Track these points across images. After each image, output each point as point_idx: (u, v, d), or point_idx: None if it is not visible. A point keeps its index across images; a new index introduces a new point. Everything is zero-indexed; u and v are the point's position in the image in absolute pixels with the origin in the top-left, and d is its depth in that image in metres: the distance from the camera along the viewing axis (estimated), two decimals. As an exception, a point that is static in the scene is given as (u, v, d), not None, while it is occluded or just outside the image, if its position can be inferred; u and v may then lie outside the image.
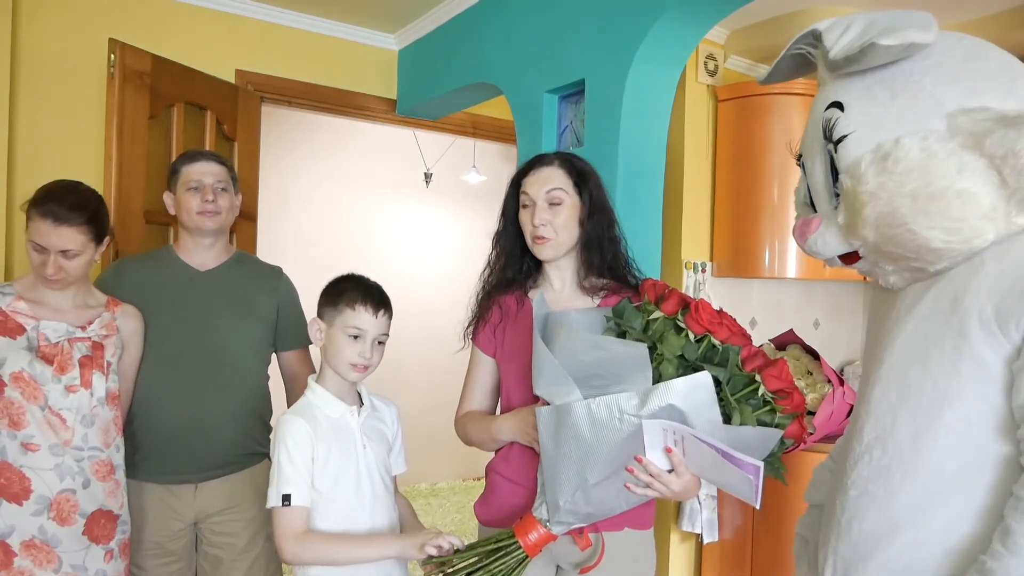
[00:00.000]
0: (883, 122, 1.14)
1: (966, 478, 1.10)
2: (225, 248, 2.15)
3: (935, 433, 1.11)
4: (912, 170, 1.08)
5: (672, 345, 1.31)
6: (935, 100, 1.11)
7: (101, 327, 1.84)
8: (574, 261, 1.67)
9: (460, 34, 3.14)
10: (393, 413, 1.74)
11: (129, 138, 2.56)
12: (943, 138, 1.09)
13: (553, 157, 1.67)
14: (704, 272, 3.21)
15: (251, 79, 3.23)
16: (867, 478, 1.18)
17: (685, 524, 3.00)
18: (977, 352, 1.08)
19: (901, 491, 1.14)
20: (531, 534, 1.43)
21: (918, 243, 1.11)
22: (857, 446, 1.22)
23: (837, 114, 1.19)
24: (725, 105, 3.21)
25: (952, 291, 1.12)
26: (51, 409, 1.74)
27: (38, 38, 2.78)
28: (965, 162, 1.07)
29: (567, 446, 1.33)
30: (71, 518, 1.74)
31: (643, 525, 1.63)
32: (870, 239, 1.16)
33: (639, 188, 2.33)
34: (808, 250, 1.28)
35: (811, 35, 1.24)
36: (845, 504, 1.20)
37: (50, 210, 1.70)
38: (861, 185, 1.13)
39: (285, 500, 1.49)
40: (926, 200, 1.08)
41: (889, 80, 1.15)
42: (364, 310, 1.58)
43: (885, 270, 1.22)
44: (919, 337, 1.16)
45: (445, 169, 5.35)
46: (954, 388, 1.10)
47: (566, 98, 2.60)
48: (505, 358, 1.69)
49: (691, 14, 2.24)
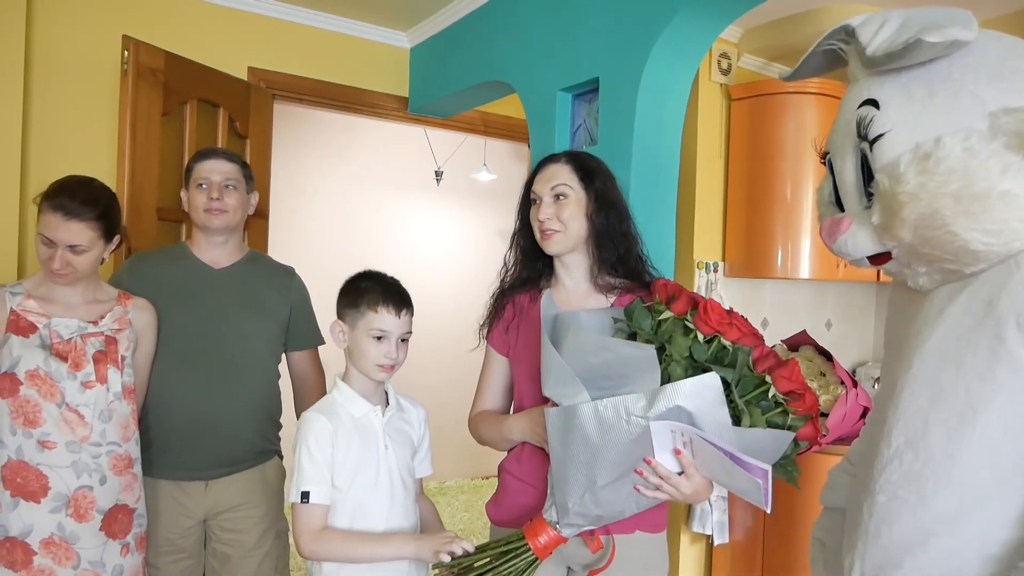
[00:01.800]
0: (921, 121, 1.12)
1: (1003, 483, 1.08)
2: (239, 246, 2.15)
3: (969, 438, 1.09)
4: (955, 170, 1.06)
5: (680, 346, 1.30)
6: (976, 99, 1.09)
7: (113, 321, 1.84)
8: (586, 258, 1.65)
9: (473, 32, 3.13)
10: (421, 415, 1.73)
11: (142, 135, 2.57)
12: (986, 138, 1.07)
13: (560, 155, 1.68)
14: (716, 272, 3.20)
15: (263, 76, 3.23)
16: (897, 483, 1.16)
17: (696, 525, 2.99)
18: (1014, 355, 1.06)
19: (935, 497, 1.11)
20: (541, 536, 1.42)
21: (957, 245, 1.09)
22: (886, 450, 1.19)
23: (873, 112, 1.16)
24: (738, 104, 3.19)
25: (987, 293, 1.10)
26: (68, 406, 1.74)
27: (52, 35, 2.78)
28: (1008, 163, 1.05)
29: (575, 448, 1.32)
30: (89, 514, 1.75)
31: (655, 528, 1.62)
32: (907, 240, 1.14)
33: (653, 187, 2.32)
34: (837, 250, 1.26)
35: (843, 31, 1.22)
36: (873, 509, 1.18)
37: (61, 204, 1.70)
38: (901, 185, 1.10)
39: (304, 497, 1.50)
40: (969, 201, 1.06)
41: (927, 78, 1.13)
42: (387, 311, 1.58)
43: (917, 271, 1.20)
44: (951, 340, 1.13)
45: (456, 167, 5.34)
46: (989, 392, 1.08)
47: (580, 96, 2.59)
48: (517, 358, 1.69)
49: (706, 13, 2.22)
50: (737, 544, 3.07)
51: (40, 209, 1.74)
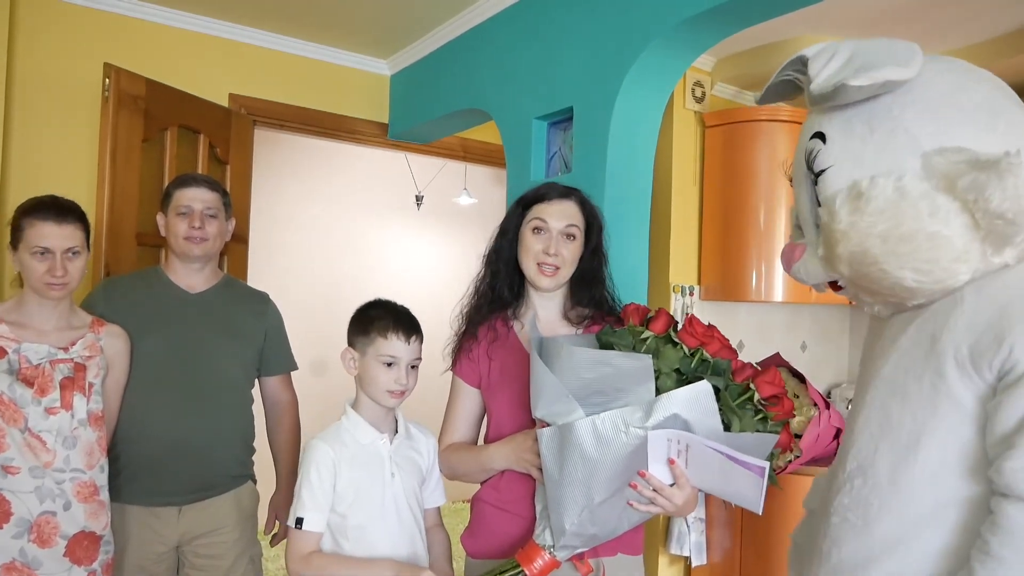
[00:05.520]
0: (861, 158, 1.13)
1: (939, 515, 1.09)
2: (214, 272, 2.16)
3: (912, 467, 1.10)
4: (883, 211, 1.07)
5: (669, 359, 1.33)
6: (911, 137, 1.10)
7: (84, 348, 1.85)
8: (562, 295, 1.71)
9: (451, 61, 3.19)
10: (431, 444, 1.73)
11: (122, 161, 2.59)
12: (919, 177, 1.08)
13: (571, 191, 1.71)
14: (692, 295, 3.24)
15: (244, 103, 3.26)
16: (847, 506, 1.18)
17: (674, 547, 3.00)
18: (953, 390, 1.07)
19: (878, 522, 1.13)
20: (536, 561, 1.44)
21: (891, 282, 1.11)
22: (841, 473, 1.22)
23: (819, 146, 1.18)
24: (712, 131, 3.26)
25: (932, 327, 1.11)
26: (31, 432, 1.74)
27: (34, 61, 2.81)
28: (939, 205, 1.05)
29: (572, 465, 1.34)
30: (52, 540, 1.74)
31: (635, 550, 1.65)
32: (845, 274, 1.15)
33: (626, 213, 2.36)
34: (793, 276, 1.29)
35: (799, 61, 1.24)
36: (827, 531, 1.20)
37: (48, 213, 1.75)
38: (835, 223, 1.12)
39: (298, 523, 1.54)
40: (896, 242, 1.07)
41: (869, 114, 1.13)
42: (396, 338, 1.60)
43: (865, 300, 1.22)
44: (900, 370, 1.15)
45: (436, 192, 5.38)
46: (930, 424, 1.09)
47: (555, 124, 2.64)
48: (494, 387, 1.69)
49: (678, 43, 2.28)
50: (715, 566, 3.08)
51: (24, 226, 1.76)
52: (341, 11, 3.06)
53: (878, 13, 2.76)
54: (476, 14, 2.97)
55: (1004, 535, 1.00)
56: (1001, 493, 1.02)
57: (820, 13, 2.56)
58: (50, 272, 1.74)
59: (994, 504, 1.03)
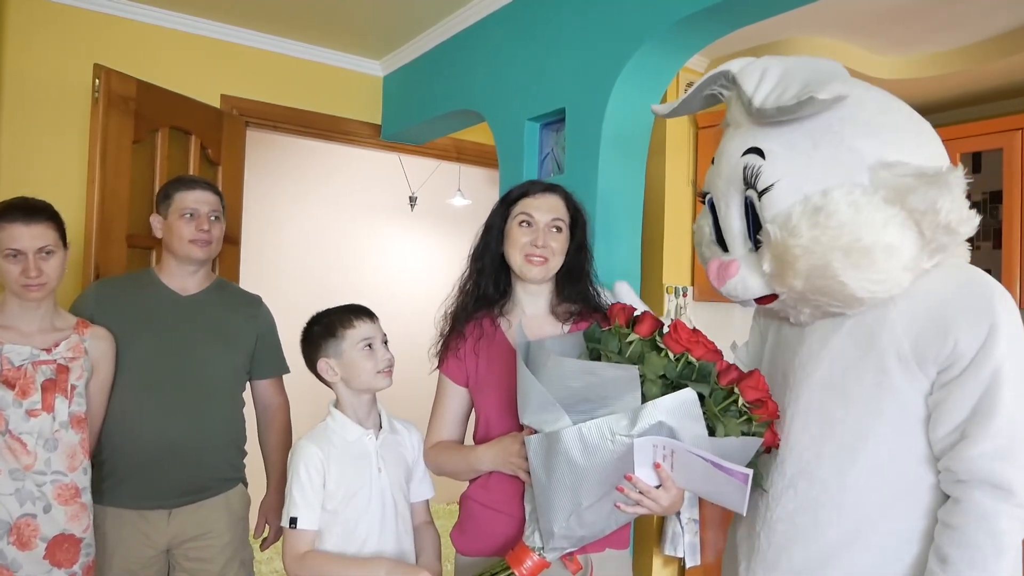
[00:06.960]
0: (808, 173, 1.15)
1: (893, 505, 1.12)
2: (207, 274, 2.15)
3: (860, 463, 1.14)
4: (844, 224, 1.10)
5: (654, 365, 1.33)
6: (855, 152, 1.13)
7: (68, 349, 1.83)
8: (549, 290, 1.71)
9: (444, 62, 3.18)
10: (416, 438, 1.77)
11: (113, 162, 2.57)
12: (867, 191, 1.11)
13: (556, 187, 1.73)
14: (685, 296, 3.24)
15: (236, 104, 3.25)
16: (793, 512, 1.20)
17: (668, 548, 3.00)
18: (897, 387, 1.11)
19: (830, 523, 1.16)
20: (526, 563, 1.45)
21: (847, 293, 1.13)
22: (779, 480, 1.24)
23: (759, 161, 1.19)
24: (705, 132, 3.26)
25: (868, 327, 1.14)
26: (11, 434, 1.73)
27: (24, 62, 2.79)
28: (889, 216, 1.09)
29: (559, 472, 1.35)
30: (32, 542, 1.74)
31: (622, 545, 1.66)
32: (798, 288, 1.17)
33: (619, 214, 2.36)
34: (726, 293, 1.30)
35: (723, 76, 1.26)
36: (772, 538, 1.23)
37: (16, 215, 1.75)
38: (794, 238, 1.13)
39: (292, 523, 1.58)
40: (858, 254, 1.10)
41: (809, 129, 1.16)
42: (361, 321, 1.68)
43: (801, 311, 1.24)
44: (838, 371, 1.18)
45: (430, 193, 5.37)
46: (876, 420, 1.13)
47: (547, 126, 2.64)
48: (482, 387, 1.69)
49: (671, 44, 2.28)
50: (709, 567, 3.08)
51: None
52: (333, 11, 3.06)
53: (870, 14, 2.76)
54: (469, 15, 2.97)
55: (977, 520, 1.03)
56: (962, 480, 1.05)
57: (812, 13, 2.56)
58: (24, 273, 1.73)
59: (958, 492, 1.06)
